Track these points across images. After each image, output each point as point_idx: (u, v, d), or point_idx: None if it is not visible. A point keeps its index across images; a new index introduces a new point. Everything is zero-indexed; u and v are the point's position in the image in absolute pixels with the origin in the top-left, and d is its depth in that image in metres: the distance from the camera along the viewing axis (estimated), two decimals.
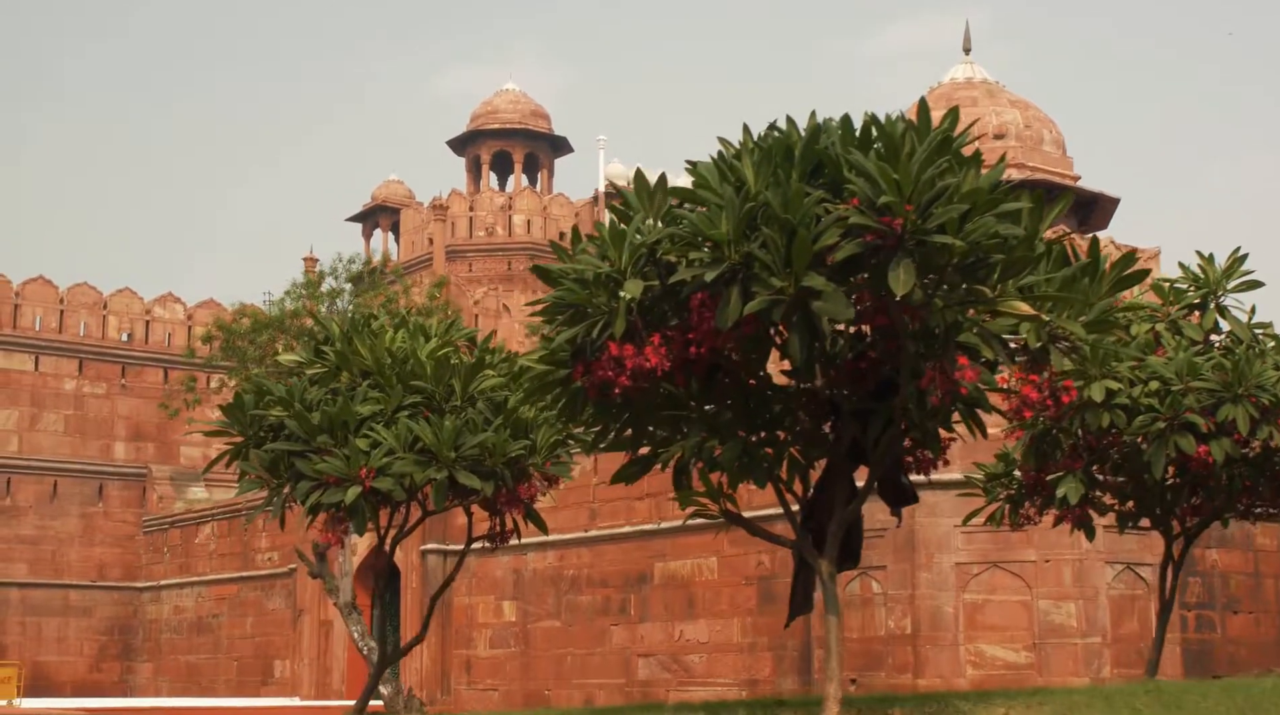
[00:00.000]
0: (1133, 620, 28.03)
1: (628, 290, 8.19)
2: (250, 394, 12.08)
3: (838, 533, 9.25)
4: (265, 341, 27.29)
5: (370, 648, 18.16)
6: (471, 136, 50.71)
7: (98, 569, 50.23)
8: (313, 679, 41.86)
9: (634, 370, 8.33)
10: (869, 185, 7.79)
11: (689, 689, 33.32)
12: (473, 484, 11.36)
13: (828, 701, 8.97)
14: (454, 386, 11.84)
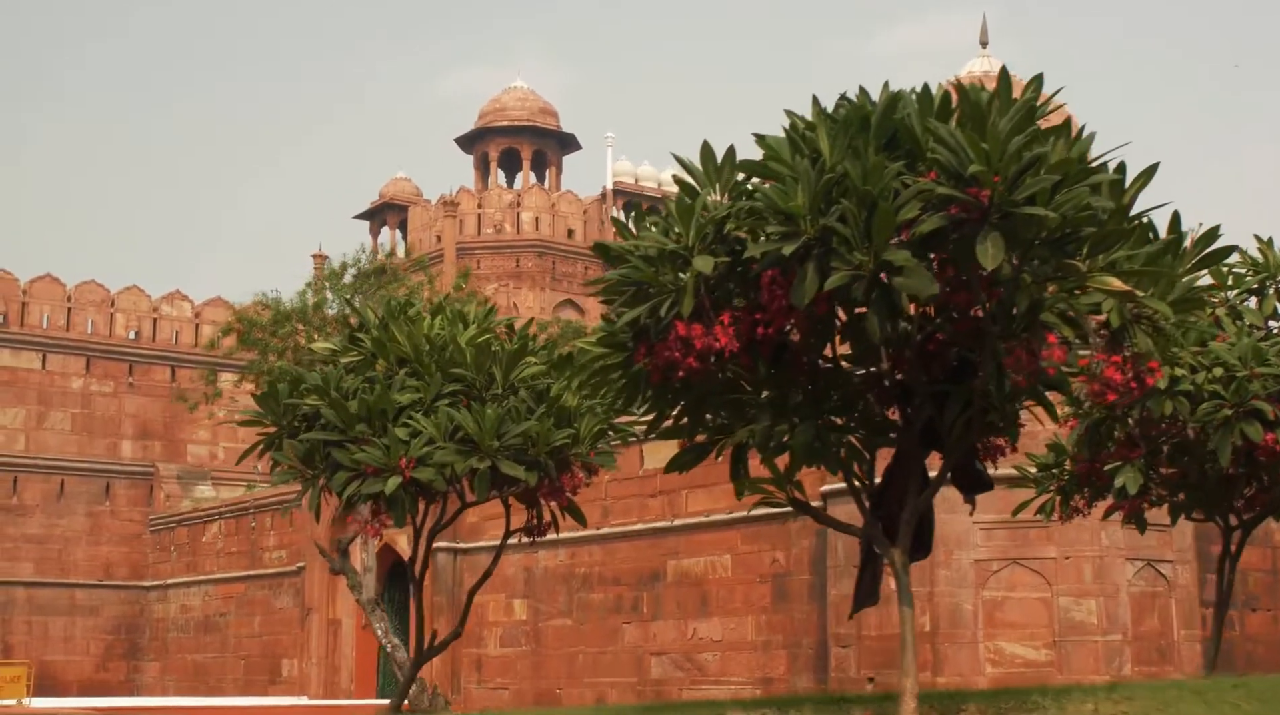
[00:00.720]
0: (1153, 617, 27.60)
1: (698, 266, 7.78)
2: (284, 383, 11.65)
3: (911, 521, 8.84)
4: (287, 333, 26.78)
5: (394, 645, 17.77)
6: (479, 134, 50.29)
7: (104, 568, 49.79)
8: (321, 678, 41.43)
9: (702, 351, 7.91)
10: (953, 156, 7.39)
11: (702, 688, 32.91)
12: (516, 473, 10.94)
13: (905, 697, 8.56)
14: (494, 374, 11.42)
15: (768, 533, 32.13)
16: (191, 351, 51.61)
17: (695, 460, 9.41)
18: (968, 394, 8.41)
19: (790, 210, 7.54)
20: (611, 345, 8.57)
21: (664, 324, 8.06)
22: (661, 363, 8.21)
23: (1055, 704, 9.20)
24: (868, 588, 9.45)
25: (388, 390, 11.13)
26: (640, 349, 8.36)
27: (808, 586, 31.07)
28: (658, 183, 54.25)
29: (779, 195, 7.60)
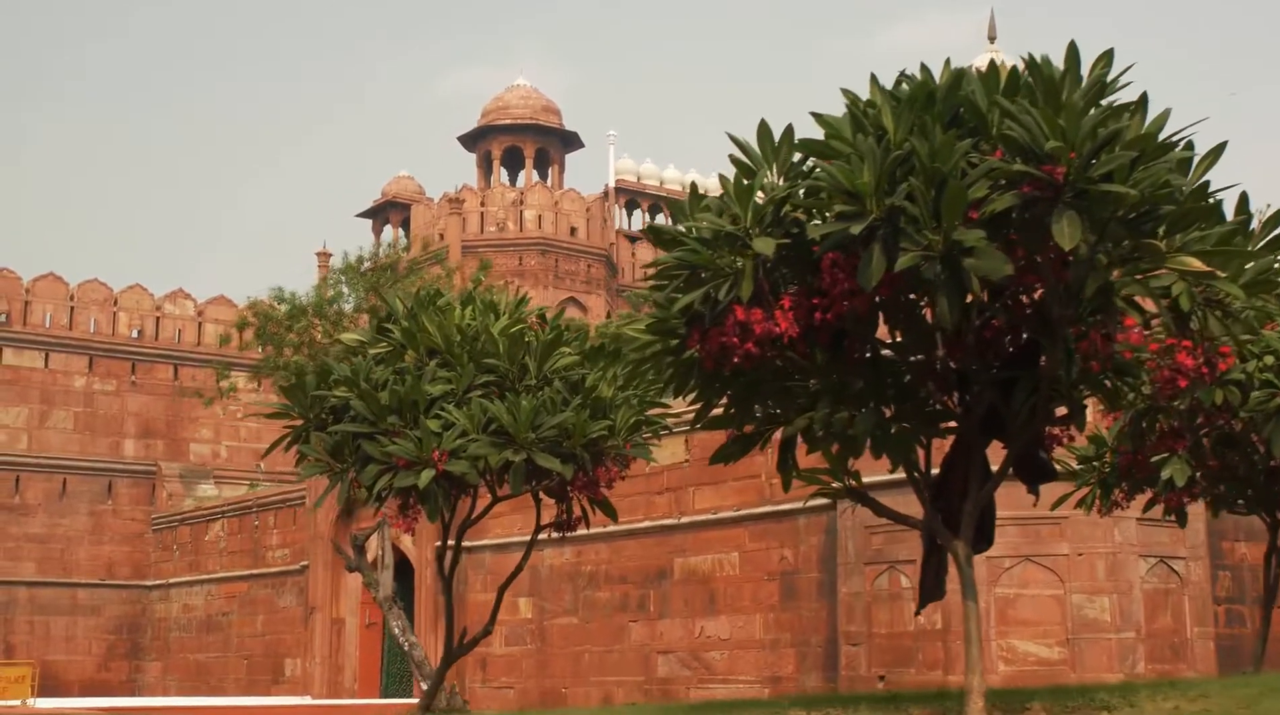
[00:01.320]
0: (1166, 615, 27.29)
1: (758, 248, 7.46)
2: (311, 375, 11.33)
3: (974, 512, 8.49)
4: (303, 327, 26.37)
5: (412, 643, 17.42)
6: (482, 132, 49.93)
7: (106, 567, 49.37)
8: (325, 678, 41.08)
9: (762, 336, 7.59)
10: (1026, 132, 7.07)
11: (710, 686, 32.59)
12: (553, 466, 10.61)
13: (972, 695, 8.24)
14: (528, 365, 11.09)
15: (776, 530, 31.81)
16: (194, 350, 51.18)
17: (743, 451, 9.10)
18: (1034, 380, 8.07)
19: (856, 189, 7.22)
20: (661, 331, 8.26)
21: (720, 309, 7.74)
22: (715, 349, 7.89)
23: (1125, 701, 8.87)
24: (932, 582, 9.10)
25: (419, 381, 10.80)
26: (693, 335, 8.04)
27: (816, 584, 30.74)
28: (660, 181, 53.97)
29: (844, 174, 7.28)
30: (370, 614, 41.22)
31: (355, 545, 17.86)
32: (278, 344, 26.36)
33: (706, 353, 7.99)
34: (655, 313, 8.27)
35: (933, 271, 7.12)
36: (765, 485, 32.03)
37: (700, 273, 7.78)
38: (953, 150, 7.14)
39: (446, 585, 12.72)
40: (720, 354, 7.90)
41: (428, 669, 16.99)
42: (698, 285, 7.81)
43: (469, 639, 13.22)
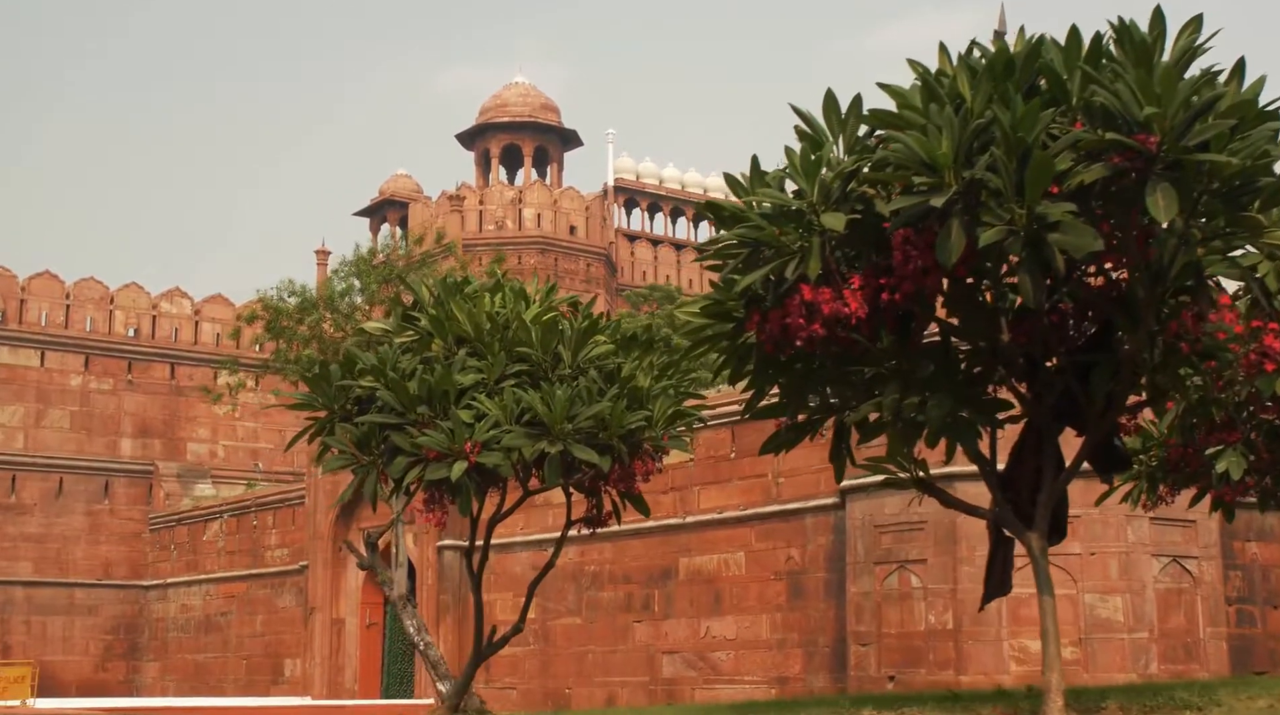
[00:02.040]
0: (1179, 614, 26.89)
1: (827, 223, 7.00)
2: (335, 364, 10.85)
3: (1049, 503, 8.03)
4: (314, 321, 25.83)
5: (427, 643, 16.92)
6: (480, 130, 49.41)
7: (104, 567, 48.89)
8: (325, 678, 40.60)
9: (830, 317, 7.14)
10: (1116, 99, 6.63)
11: (715, 687, 32.21)
12: (590, 458, 10.14)
13: (1050, 693, 7.79)
14: (561, 354, 10.62)
15: (782, 530, 31.46)
16: (191, 349, 50.77)
17: (796, 439, 8.67)
18: (1115, 365, 7.61)
19: (935, 160, 6.77)
20: (716, 314, 7.80)
21: (784, 289, 7.29)
22: (776, 331, 7.43)
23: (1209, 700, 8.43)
24: (999, 577, 8.63)
25: (449, 371, 10.33)
26: (753, 317, 7.58)
27: (824, 584, 30.37)
28: (659, 180, 53.56)
29: (921, 145, 6.83)
30: (370, 614, 40.77)
31: (368, 542, 17.36)
32: (288, 338, 25.79)
33: (767, 335, 7.54)
34: (711, 294, 7.81)
35: (1017, 247, 6.66)
36: (772, 484, 31.64)
37: (763, 251, 7.33)
38: (1037, 119, 6.70)
39: (475, 582, 12.23)
40: (781, 337, 7.45)
41: (444, 669, 16.48)
42: (759, 264, 7.35)
43: (498, 638, 12.72)
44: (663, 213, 53.44)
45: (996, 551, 8.68)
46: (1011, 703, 8.98)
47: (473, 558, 12.04)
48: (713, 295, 7.81)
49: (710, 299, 7.80)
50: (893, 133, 6.99)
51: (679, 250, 52.42)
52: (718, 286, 7.74)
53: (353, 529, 41.09)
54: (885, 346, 7.57)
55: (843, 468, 8.80)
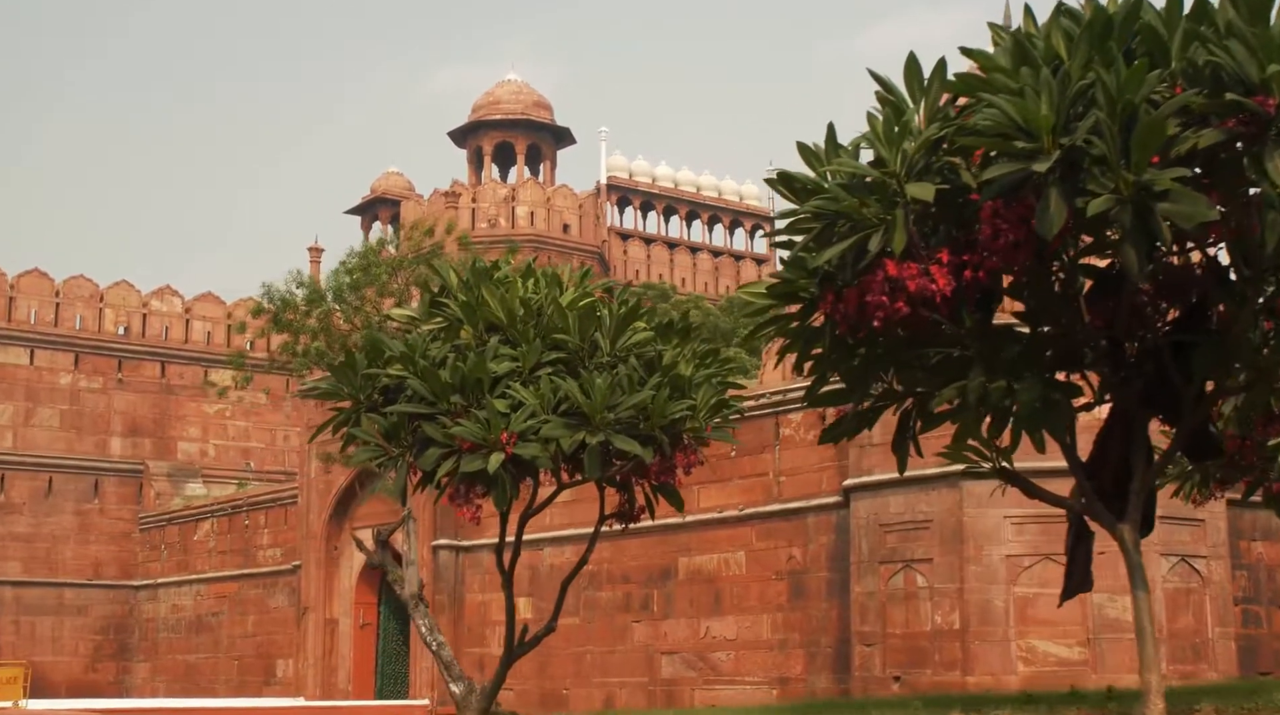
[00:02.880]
0: (1187, 615, 26.48)
1: (915, 193, 6.51)
2: (361, 352, 10.34)
3: (1141, 493, 7.53)
4: (323, 313, 25.21)
5: (440, 643, 16.37)
6: (473, 127, 48.87)
7: (93, 567, 48.25)
8: (318, 679, 40.06)
9: (915, 294, 6.65)
10: (1231, 59, 6.16)
11: (715, 688, 31.76)
12: (633, 449, 9.62)
13: (1150, 695, 7.30)
14: (598, 341, 10.11)
15: (784, 529, 31.04)
16: (182, 347, 50.17)
17: (859, 427, 8.17)
18: (1216, 348, 7.12)
19: (1035, 125, 6.28)
20: (783, 294, 7.31)
21: (864, 264, 6.79)
22: (852, 311, 6.94)
23: None
24: (1081, 572, 8.12)
25: (483, 358, 9.81)
26: (826, 296, 7.09)
27: (826, 584, 29.96)
28: (652, 178, 53.09)
29: (1019, 109, 6.35)
30: (364, 614, 40.24)
31: (378, 540, 16.78)
32: (295, 331, 25.17)
33: (841, 315, 7.05)
34: (779, 273, 7.32)
35: (1126, 217, 6.18)
36: (773, 483, 31.20)
37: (839, 225, 6.83)
38: (1143, 81, 6.22)
39: (507, 580, 11.72)
40: (858, 316, 6.96)
41: (457, 670, 15.90)
42: (834, 239, 6.86)
43: (530, 637, 12.21)
44: (655, 211, 52.97)
45: (1078, 545, 8.19)
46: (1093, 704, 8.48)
47: (503, 555, 11.51)
48: (780, 274, 7.31)
49: (778, 278, 7.30)
50: (987, 96, 6.49)
51: (672, 249, 51.96)
52: (787, 264, 7.24)
53: (345, 528, 40.57)
54: (967, 327, 7.07)
55: (905, 458, 8.31)
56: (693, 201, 52.81)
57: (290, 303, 25.33)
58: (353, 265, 25.75)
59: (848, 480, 28.27)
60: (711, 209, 53.37)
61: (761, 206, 54.23)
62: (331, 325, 26.07)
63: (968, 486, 25.99)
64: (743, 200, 54.19)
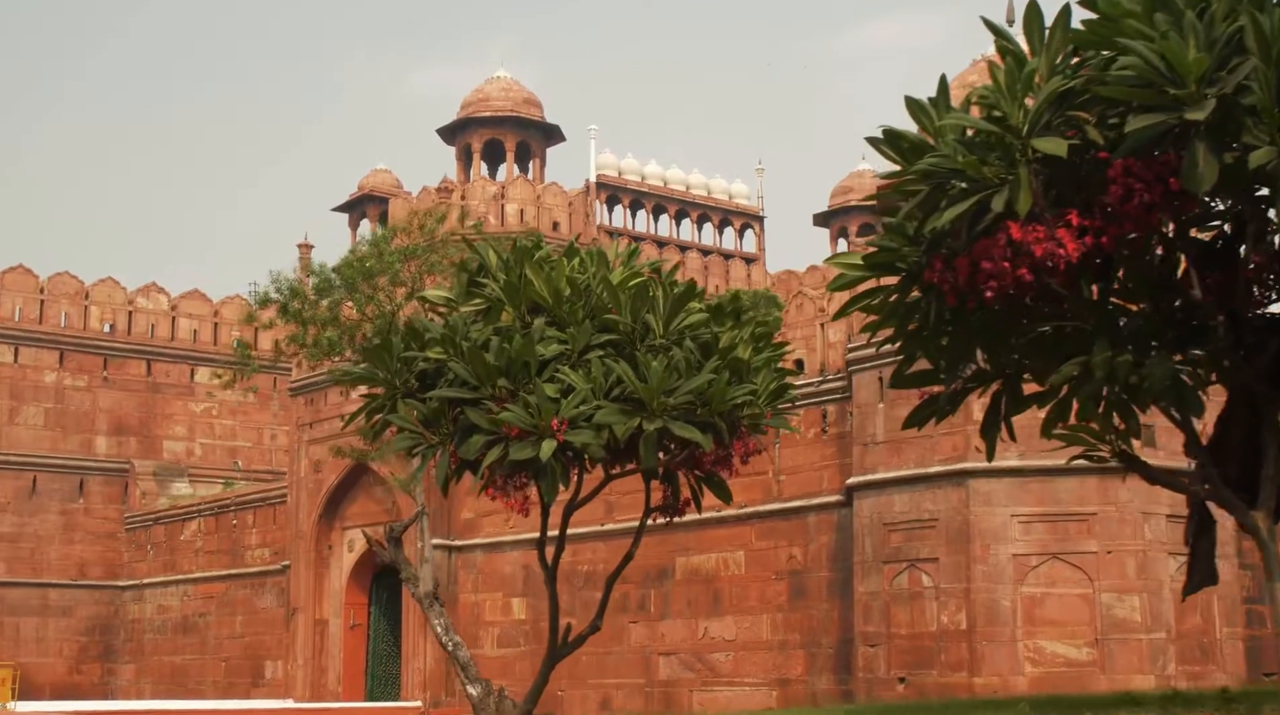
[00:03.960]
0: (1195, 615, 25.97)
1: (1045, 148, 5.90)
2: (398, 335, 9.68)
3: (1276, 478, 6.92)
4: (334, 302, 24.40)
5: (456, 643, 15.73)
6: (462, 124, 47.99)
7: (78, 567, 47.36)
8: (307, 680, 39.31)
9: (1041, 260, 6.03)
10: None
11: (714, 689, 31.17)
12: (693, 437, 9.00)
13: None
14: (649, 323, 9.47)
15: (784, 528, 30.47)
16: (168, 345, 49.30)
17: (951, 409, 7.55)
18: None
19: (1183, 71, 5.68)
20: (881, 264, 6.68)
21: (981, 228, 6.18)
22: (963, 279, 6.32)
23: None
24: (1205, 565, 7.48)
25: (530, 340, 9.17)
26: (934, 263, 6.46)
27: (827, 583, 29.40)
28: (641, 176, 52.38)
29: (1166, 51, 5.74)
30: (355, 615, 39.53)
31: (391, 536, 16.11)
32: (303, 321, 24.38)
33: (950, 284, 6.43)
34: (876, 241, 6.70)
35: None
36: (773, 482, 30.62)
37: (949, 187, 6.20)
38: None
39: (550, 576, 11.08)
40: (968, 286, 6.34)
41: (474, 671, 15.29)
42: (946, 203, 6.24)
43: (573, 637, 11.58)
44: (645, 209, 52.26)
45: (1201, 536, 7.55)
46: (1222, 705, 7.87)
47: (545, 549, 10.87)
48: (878, 242, 6.68)
49: (876, 245, 6.67)
50: (1124, 42, 5.88)
51: (661, 247, 51.26)
52: (888, 231, 6.62)
53: (336, 527, 39.87)
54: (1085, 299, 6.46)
55: (994, 444, 7.69)
56: (682, 200, 52.15)
57: (299, 292, 24.55)
58: (368, 253, 24.97)
59: (851, 478, 27.75)
60: (701, 208, 52.74)
61: (751, 205, 53.62)
62: (341, 315, 25.32)
63: (974, 485, 25.50)
64: (732, 199, 53.53)
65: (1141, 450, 25.03)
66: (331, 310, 24.65)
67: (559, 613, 11.71)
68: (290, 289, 24.53)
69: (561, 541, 10.86)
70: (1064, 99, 6.15)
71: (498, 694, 16.19)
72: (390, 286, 25.05)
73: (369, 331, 24.74)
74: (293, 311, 24.39)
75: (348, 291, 24.11)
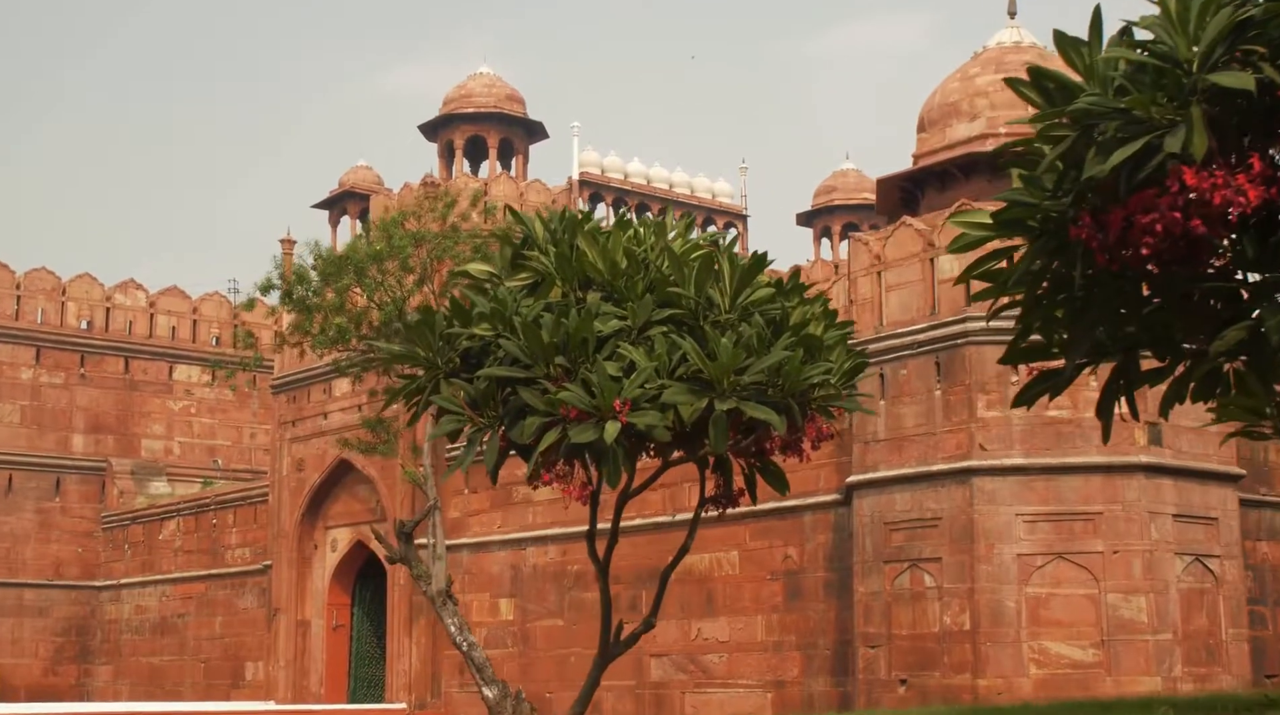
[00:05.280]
0: (1201, 615, 25.41)
1: (1227, 82, 5.21)
2: (441, 313, 8.93)
3: None
4: (344, 286, 23.51)
5: (470, 643, 14.99)
6: (444, 121, 47.17)
7: (54, 567, 46.36)
8: (289, 682, 38.48)
9: (1219, 208, 5.34)
10: None
11: (707, 691, 30.48)
12: (769, 418, 8.27)
13: None
14: (713, 297, 8.75)
15: (779, 528, 29.81)
16: (146, 342, 48.38)
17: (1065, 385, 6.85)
18: None
19: None
20: (1012, 221, 5.97)
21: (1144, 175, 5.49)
22: (1115, 234, 5.62)
23: None
24: None
25: (589, 315, 8.43)
26: (1081, 218, 5.76)
27: (823, 584, 28.74)
28: (624, 174, 51.68)
29: None
30: (338, 616, 38.72)
31: (401, 532, 15.36)
32: (309, 309, 23.49)
33: (1100, 242, 5.73)
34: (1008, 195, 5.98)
35: None
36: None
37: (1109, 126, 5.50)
38: None
39: (603, 572, 10.33)
40: (1119, 242, 5.64)
41: (489, 672, 14.54)
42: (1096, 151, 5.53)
43: (626, 635, 10.85)
44: (628, 207, 51.60)
45: None
46: None
47: (595, 542, 10.13)
48: (1011, 195, 5.97)
49: (1009, 200, 5.95)
50: None
51: None
52: (1025, 182, 5.91)
53: (319, 526, 39.08)
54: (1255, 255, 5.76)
55: (1110, 425, 6.98)
56: (665, 198, 51.43)
57: (304, 276, 23.66)
58: (377, 238, 24.10)
59: (851, 476, 27.11)
60: (684, 206, 52.04)
61: (734, 204, 52.98)
62: (348, 302, 24.47)
63: (978, 483, 24.90)
64: (715, 198, 52.89)
65: (1148, 449, 24.47)
66: (340, 296, 23.79)
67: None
68: (296, 273, 23.63)
69: (614, 534, 10.14)
70: (1238, 32, 5.47)
71: (515, 696, 15.43)
72: (400, 272, 24.25)
73: (377, 319, 23.97)
74: (297, 297, 23.51)
75: (357, 277, 23.24)
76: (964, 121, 28.24)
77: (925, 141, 28.75)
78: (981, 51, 29.09)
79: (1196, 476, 25.58)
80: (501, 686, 15.77)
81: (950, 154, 27.90)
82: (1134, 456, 24.74)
